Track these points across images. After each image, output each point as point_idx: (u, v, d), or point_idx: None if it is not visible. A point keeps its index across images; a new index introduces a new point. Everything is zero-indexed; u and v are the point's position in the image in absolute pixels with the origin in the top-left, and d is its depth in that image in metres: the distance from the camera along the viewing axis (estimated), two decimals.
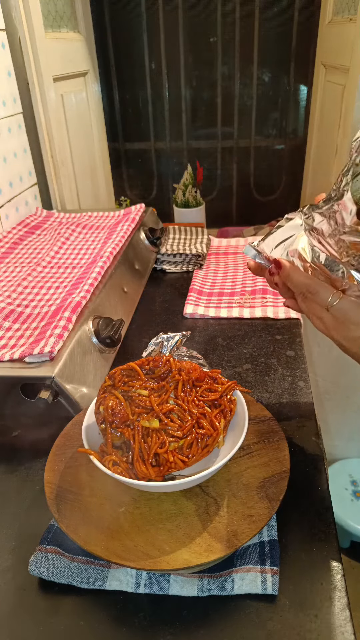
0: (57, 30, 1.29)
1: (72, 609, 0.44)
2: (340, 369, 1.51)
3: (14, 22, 1.05)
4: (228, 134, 1.73)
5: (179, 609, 0.43)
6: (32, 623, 0.43)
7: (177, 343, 0.74)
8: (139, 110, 1.72)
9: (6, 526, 0.52)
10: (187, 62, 1.63)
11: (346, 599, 0.43)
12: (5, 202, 1.04)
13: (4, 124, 1.04)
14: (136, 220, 1.03)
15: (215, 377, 0.52)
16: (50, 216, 1.12)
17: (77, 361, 0.62)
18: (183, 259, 1.09)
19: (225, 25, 1.56)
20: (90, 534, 0.44)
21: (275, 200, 1.83)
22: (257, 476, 0.48)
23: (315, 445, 0.59)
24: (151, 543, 0.43)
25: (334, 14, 1.37)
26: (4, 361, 0.60)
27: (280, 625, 0.41)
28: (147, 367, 0.51)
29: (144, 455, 0.45)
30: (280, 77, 1.64)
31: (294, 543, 0.48)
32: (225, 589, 0.43)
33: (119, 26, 1.58)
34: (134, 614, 0.43)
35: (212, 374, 0.53)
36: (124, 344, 0.79)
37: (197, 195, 1.43)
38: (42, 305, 0.74)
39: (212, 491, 0.48)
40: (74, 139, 1.38)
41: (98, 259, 0.83)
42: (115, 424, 0.47)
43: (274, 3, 1.52)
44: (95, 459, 0.46)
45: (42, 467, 0.58)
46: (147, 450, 0.45)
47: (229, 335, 0.83)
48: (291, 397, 0.68)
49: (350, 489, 1.58)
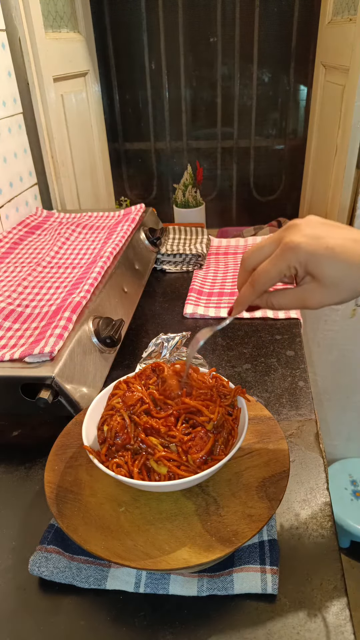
0: (57, 30, 1.29)
1: (72, 609, 0.44)
2: (340, 369, 1.51)
3: (14, 22, 1.05)
4: (228, 134, 1.73)
5: (179, 608, 0.43)
6: (32, 623, 0.43)
7: (177, 344, 0.74)
8: (139, 111, 1.72)
9: (6, 526, 0.52)
10: (187, 62, 1.63)
11: (346, 599, 0.43)
12: (5, 202, 1.04)
13: (4, 124, 1.04)
14: (136, 220, 1.03)
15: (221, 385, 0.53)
16: (51, 216, 1.13)
17: (77, 361, 0.62)
18: (183, 259, 1.09)
19: (225, 25, 1.56)
20: (90, 533, 0.44)
21: (275, 200, 1.83)
22: (257, 476, 0.48)
23: (315, 445, 0.59)
24: (151, 543, 0.43)
25: (334, 14, 1.37)
26: (4, 361, 0.60)
27: (280, 625, 0.41)
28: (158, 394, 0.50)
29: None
30: (280, 77, 1.64)
31: (293, 543, 0.48)
32: (225, 589, 0.43)
33: (119, 26, 1.58)
34: (134, 614, 0.43)
35: (218, 383, 0.54)
36: (124, 344, 0.79)
37: (197, 196, 1.43)
38: (42, 305, 0.74)
39: (212, 491, 0.48)
40: (74, 139, 1.38)
41: (98, 259, 0.83)
42: (115, 447, 0.47)
43: (274, 3, 1.52)
44: (95, 459, 0.46)
45: (42, 467, 0.59)
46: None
47: (229, 335, 0.83)
48: (291, 397, 0.68)
49: (350, 488, 1.58)
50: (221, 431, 0.48)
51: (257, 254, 0.45)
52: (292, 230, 0.42)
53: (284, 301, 0.45)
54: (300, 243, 0.41)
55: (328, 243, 0.40)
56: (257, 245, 0.45)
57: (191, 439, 0.47)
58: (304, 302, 0.43)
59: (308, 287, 0.43)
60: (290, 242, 0.41)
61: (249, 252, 0.46)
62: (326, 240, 0.40)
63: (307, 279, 0.43)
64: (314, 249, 0.40)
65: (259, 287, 0.44)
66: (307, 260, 0.41)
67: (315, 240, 0.41)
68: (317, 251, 0.40)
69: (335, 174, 1.30)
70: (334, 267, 0.40)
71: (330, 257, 0.40)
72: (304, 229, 0.42)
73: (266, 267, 0.43)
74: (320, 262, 0.40)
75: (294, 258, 0.41)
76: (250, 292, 0.45)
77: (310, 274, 0.42)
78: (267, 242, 0.44)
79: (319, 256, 0.40)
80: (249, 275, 0.46)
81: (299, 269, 0.42)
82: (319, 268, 0.41)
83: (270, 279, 0.43)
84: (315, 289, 0.42)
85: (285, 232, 0.43)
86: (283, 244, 0.42)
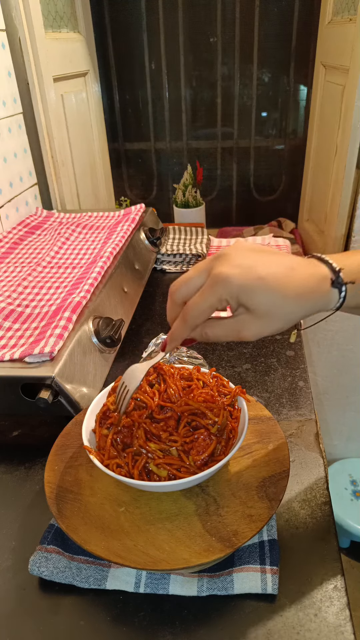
0: (57, 30, 1.29)
1: (72, 609, 0.44)
2: (340, 369, 1.51)
3: (14, 22, 1.05)
4: (228, 134, 1.73)
5: (179, 608, 0.43)
6: (32, 623, 0.43)
7: None
8: (139, 111, 1.72)
9: (6, 526, 0.52)
10: (187, 62, 1.63)
11: (346, 598, 0.43)
12: (5, 202, 1.04)
13: (4, 124, 1.04)
14: (136, 220, 1.03)
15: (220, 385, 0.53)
16: (51, 216, 1.13)
17: (77, 361, 0.62)
18: (183, 259, 1.09)
19: (225, 25, 1.56)
20: (90, 533, 0.44)
21: (275, 201, 1.83)
22: (257, 476, 0.48)
23: (315, 445, 0.59)
24: (151, 543, 0.43)
25: (334, 14, 1.37)
26: (4, 361, 0.60)
27: (280, 625, 0.41)
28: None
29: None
30: (280, 78, 1.64)
31: (293, 543, 0.48)
32: (225, 589, 0.43)
33: (119, 26, 1.58)
34: (134, 614, 0.43)
35: (217, 384, 0.53)
36: (124, 344, 0.79)
37: (197, 196, 1.43)
38: (42, 305, 0.74)
39: (212, 491, 0.48)
40: (74, 139, 1.38)
41: (98, 259, 0.83)
42: (122, 436, 0.48)
43: (274, 3, 1.52)
44: (96, 459, 0.46)
45: (42, 467, 0.59)
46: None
47: None
48: (291, 397, 0.68)
49: (350, 488, 1.58)
50: (223, 434, 0.48)
51: (185, 287, 0.42)
52: (222, 261, 0.40)
53: (219, 333, 0.42)
54: (229, 275, 0.39)
55: (259, 273, 0.38)
56: (185, 276, 0.43)
57: (193, 439, 0.47)
58: (239, 334, 0.41)
59: (242, 319, 0.41)
60: (219, 273, 0.39)
61: (177, 285, 0.43)
62: (257, 270, 0.39)
63: (240, 310, 0.41)
64: (245, 280, 0.38)
65: (191, 321, 0.42)
66: (239, 292, 0.39)
67: (247, 270, 0.39)
68: (248, 282, 0.38)
69: (335, 174, 1.30)
70: (266, 297, 0.39)
71: (262, 287, 0.38)
72: (233, 259, 0.39)
73: (197, 301, 0.41)
74: (252, 293, 0.39)
75: (224, 291, 0.39)
76: (183, 327, 0.43)
77: (243, 305, 0.40)
78: (195, 274, 0.42)
79: (250, 287, 0.38)
80: (179, 308, 0.43)
81: (230, 301, 0.40)
82: (252, 300, 0.39)
83: (202, 313, 0.41)
84: (250, 320, 0.40)
85: (214, 263, 0.40)
86: (212, 276, 0.40)
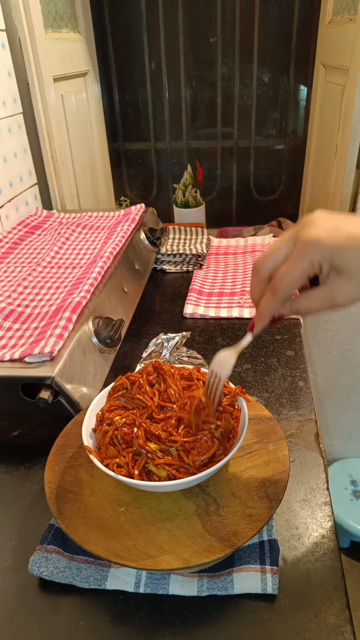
0: (57, 30, 1.29)
1: (72, 609, 0.44)
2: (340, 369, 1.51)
3: (14, 22, 1.05)
4: (228, 134, 1.73)
5: (179, 608, 0.43)
6: (32, 623, 0.43)
7: (177, 344, 0.74)
8: (139, 111, 1.72)
9: (6, 526, 0.52)
10: (187, 62, 1.63)
11: (346, 599, 0.43)
12: (5, 202, 1.04)
13: (4, 124, 1.04)
14: (136, 220, 1.03)
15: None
16: (51, 216, 1.12)
17: (77, 361, 0.62)
18: (183, 259, 1.09)
19: (225, 25, 1.56)
20: (90, 534, 0.44)
21: (275, 201, 1.83)
22: (257, 476, 0.48)
23: (315, 445, 0.59)
24: (151, 543, 0.43)
25: (334, 14, 1.37)
26: (4, 361, 0.60)
27: (280, 625, 0.41)
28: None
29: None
30: (280, 78, 1.64)
31: (293, 543, 0.48)
32: (225, 589, 0.43)
33: (119, 26, 1.58)
34: (134, 614, 0.43)
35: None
36: (124, 344, 0.79)
37: (197, 196, 1.43)
38: (42, 305, 0.74)
39: (212, 491, 0.48)
40: (74, 139, 1.38)
41: (98, 259, 0.83)
42: (120, 434, 0.47)
43: (274, 3, 1.52)
44: (96, 459, 0.46)
45: (42, 467, 0.59)
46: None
47: (229, 335, 0.83)
48: (291, 397, 0.68)
49: (350, 488, 1.58)
50: (226, 437, 0.48)
51: (271, 259, 0.41)
52: (308, 226, 0.39)
53: (311, 304, 0.41)
54: (320, 236, 0.37)
55: (350, 232, 0.37)
56: (270, 249, 0.41)
57: (195, 440, 0.47)
58: (333, 301, 0.40)
59: (333, 285, 0.39)
60: (309, 236, 0.38)
61: (261, 259, 0.42)
62: (347, 229, 0.38)
63: (331, 276, 0.39)
64: (337, 239, 0.37)
65: (282, 293, 0.40)
66: (331, 252, 0.38)
67: (336, 230, 0.38)
68: (339, 241, 0.37)
69: (335, 174, 1.30)
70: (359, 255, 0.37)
71: (354, 246, 0.37)
72: (320, 223, 0.38)
73: (287, 269, 0.39)
74: (345, 252, 0.37)
75: (316, 253, 0.38)
76: (273, 301, 0.41)
77: (336, 267, 0.38)
78: (281, 244, 0.41)
79: (342, 246, 0.37)
80: (265, 285, 0.42)
81: (323, 264, 0.38)
82: (345, 259, 0.38)
83: (294, 282, 0.39)
84: (343, 284, 0.39)
85: (300, 230, 0.39)
86: (302, 242, 0.38)
